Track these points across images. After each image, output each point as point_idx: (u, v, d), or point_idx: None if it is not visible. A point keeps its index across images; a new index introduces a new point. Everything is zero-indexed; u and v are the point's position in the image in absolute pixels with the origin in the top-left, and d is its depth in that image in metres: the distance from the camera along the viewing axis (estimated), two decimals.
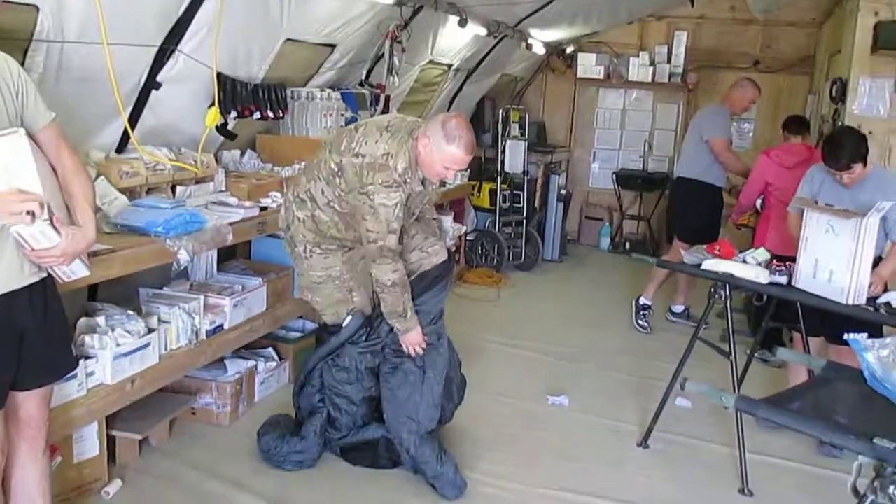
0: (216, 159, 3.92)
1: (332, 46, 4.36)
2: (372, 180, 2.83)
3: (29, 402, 2.17)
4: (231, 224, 3.33)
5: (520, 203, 6.92)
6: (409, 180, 2.88)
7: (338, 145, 2.99)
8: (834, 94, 5.61)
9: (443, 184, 5.44)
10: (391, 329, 3.15)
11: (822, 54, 6.80)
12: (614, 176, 7.94)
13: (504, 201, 6.83)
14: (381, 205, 2.82)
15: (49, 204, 1.97)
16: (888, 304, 3.07)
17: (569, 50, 7.99)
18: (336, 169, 2.95)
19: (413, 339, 3.10)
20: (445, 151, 2.83)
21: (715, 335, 4.48)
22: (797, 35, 7.43)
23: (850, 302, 3.07)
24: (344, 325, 3.14)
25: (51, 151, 2.12)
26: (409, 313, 3.06)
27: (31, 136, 2.06)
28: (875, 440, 1.65)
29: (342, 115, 4.51)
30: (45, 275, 2.13)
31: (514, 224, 6.93)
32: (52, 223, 1.97)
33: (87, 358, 2.76)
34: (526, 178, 6.89)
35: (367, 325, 3.16)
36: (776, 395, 2.12)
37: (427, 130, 2.86)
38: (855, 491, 1.71)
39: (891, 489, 1.62)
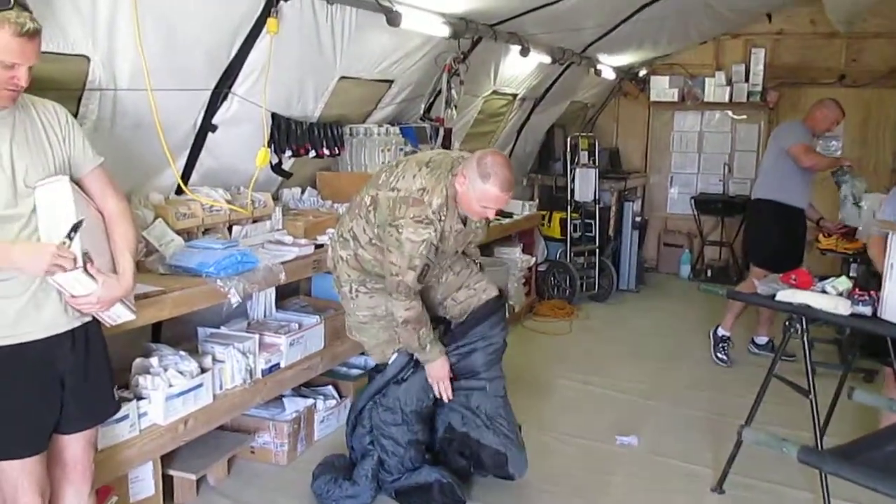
0: (275, 198, 3.96)
1: (390, 82, 4.37)
2: (404, 214, 2.78)
3: (74, 445, 2.19)
4: (284, 263, 3.34)
5: (592, 232, 6.74)
6: (443, 217, 2.81)
7: (376, 180, 2.97)
8: None
9: (503, 214, 5.41)
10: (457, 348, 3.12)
11: None
12: (693, 201, 7.66)
13: (575, 230, 6.66)
14: (408, 239, 2.77)
15: (87, 252, 2.00)
16: None
17: (641, 73, 7.81)
18: (370, 203, 2.92)
19: (437, 374, 3.04)
20: (480, 189, 2.76)
21: (801, 369, 4.17)
22: (885, 46, 7.01)
23: None
24: (389, 363, 3.08)
25: (97, 195, 2.16)
26: (429, 346, 2.99)
27: (78, 179, 2.11)
28: None
29: (401, 149, 4.50)
30: (88, 319, 2.16)
31: (586, 254, 6.75)
32: (86, 271, 1.99)
33: (140, 399, 2.79)
34: (598, 206, 6.72)
35: (414, 364, 3.08)
36: (848, 444, 1.92)
37: (465, 168, 2.80)
38: None
39: None
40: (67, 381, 2.11)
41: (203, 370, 3.03)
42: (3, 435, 2.00)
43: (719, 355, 5.16)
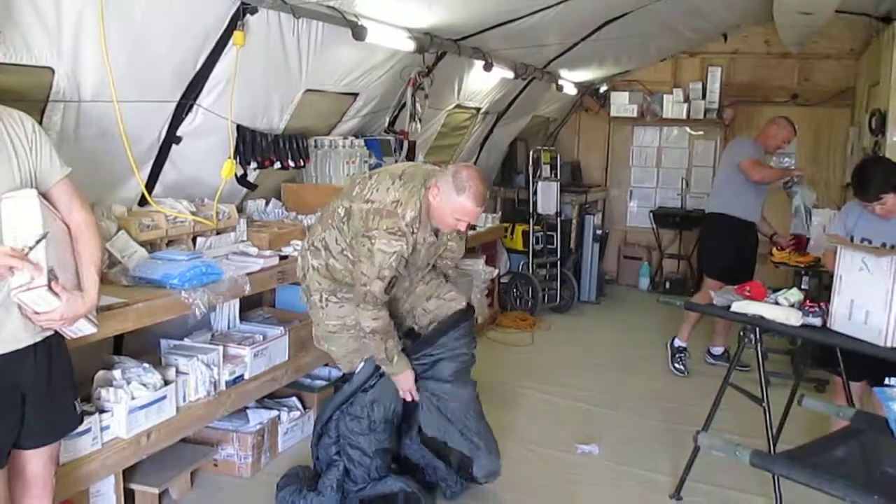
0: (240, 209, 3.96)
1: (355, 95, 4.40)
2: (377, 225, 2.82)
3: (34, 461, 2.16)
4: (249, 274, 3.34)
5: (553, 244, 6.85)
6: (416, 230, 2.85)
7: (349, 191, 3.00)
8: (874, 126, 5.44)
9: (472, 227, 5.46)
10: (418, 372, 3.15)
11: (862, 86, 6.63)
12: (651, 214, 7.82)
13: (537, 243, 6.75)
14: (380, 250, 2.80)
15: (51, 269, 1.98)
16: None
17: (602, 89, 7.97)
18: (343, 214, 2.96)
19: (403, 386, 3.10)
20: (455, 202, 2.80)
21: (755, 378, 4.29)
22: (835, 67, 7.28)
23: (889, 344, 2.89)
24: (356, 371, 3.11)
25: (63, 207, 2.14)
26: (396, 359, 3.03)
27: (44, 191, 2.09)
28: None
29: (366, 161, 4.53)
30: (50, 333, 2.14)
31: (548, 266, 6.85)
32: (50, 288, 1.97)
33: (102, 412, 2.77)
34: (559, 218, 6.83)
35: (381, 373, 3.11)
36: (799, 448, 2.00)
37: (439, 181, 2.85)
38: None
39: None
40: (29, 397, 2.08)
41: (166, 382, 3.02)
42: None
43: (676, 365, 5.28)
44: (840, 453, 1.89)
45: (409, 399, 3.15)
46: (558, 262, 6.86)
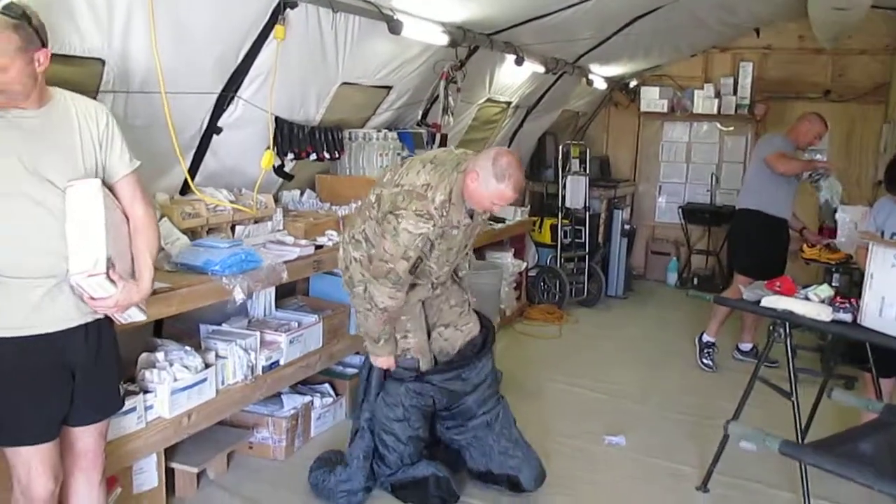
0: (276, 199, 4.05)
1: (389, 88, 4.47)
2: (406, 206, 2.86)
3: (85, 436, 2.26)
4: (286, 262, 3.42)
5: (582, 238, 6.87)
6: (445, 213, 2.90)
7: (381, 179, 3.07)
8: None
9: (495, 220, 5.52)
10: (444, 380, 3.24)
11: None
12: (681, 210, 7.81)
13: (565, 237, 6.78)
14: (406, 230, 2.84)
15: (109, 257, 2.07)
16: None
17: (632, 84, 7.96)
18: (374, 201, 3.02)
19: (380, 364, 3.21)
20: (494, 188, 2.85)
21: (784, 375, 4.30)
22: (870, 63, 7.20)
23: None
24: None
25: (126, 200, 2.23)
26: (383, 342, 3.12)
27: (111, 183, 2.18)
28: None
29: (399, 154, 4.60)
30: (100, 315, 2.23)
31: (576, 260, 6.87)
32: (108, 276, 2.07)
33: (146, 392, 2.87)
34: (588, 213, 6.84)
35: (417, 369, 3.20)
36: (827, 438, 2.04)
37: (477, 165, 2.89)
38: None
39: None
40: (78, 375, 2.18)
41: (207, 366, 3.12)
42: (16, 423, 2.07)
43: (705, 361, 5.29)
44: (868, 444, 1.92)
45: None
46: (586, 257, 6.88)
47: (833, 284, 3.50)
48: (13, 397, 2.05)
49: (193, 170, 3.53)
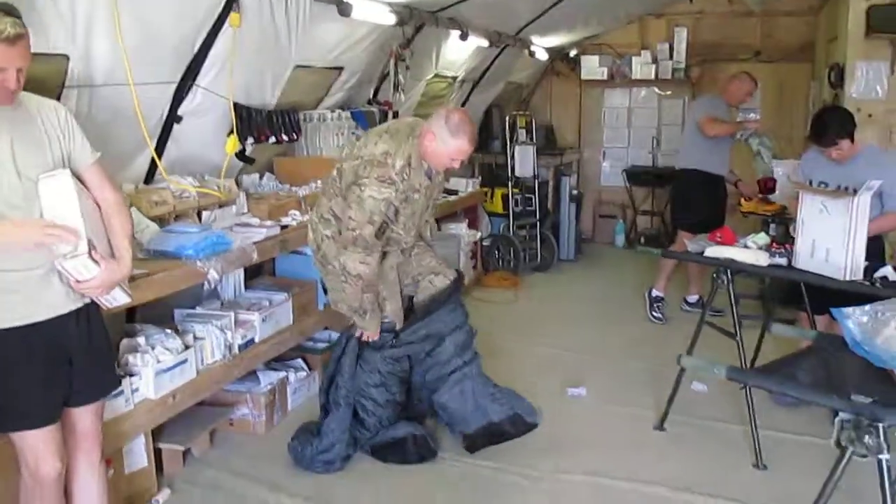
0: (237, 183, 4.14)
1: (340, 69, 4.58)
2: (367, 174, 3.02)
3: (84, 418, 2.37)
4: (255, 243, 3.54)
5: (532, 206, 7.09)
6: (406, 178, 3.07)
7: (341, 153, 3.21)
8: (832, 79, 5.74)
9: (448, 192, 5.68)
10: (418, 341, 3.39)
11: (821, 41, 6.91)
12: (624, 174, 8.09)
13: (517, 205, 7.00)
14: (370, 197, 3.01)
15: (90, 239, 2.18)
16: (884, 278, 3.20)
17: (572, 54, 8.16)
18: (336, 174, 3.17)
19: (365, 337, 3.34)
20: (451, 145, 3.04)
21: (729, 322, 4.60)
22: (796, 24, 7.53)
23: (847, 278, 3.20)
24: None
25: (94, 187, 2.33)
26: (369, 315, 3.24)
27: (78, 173, 2.27)
28: (853, 396, 1.81)
29: (353, 133, 4.73)
30: (88, 300, 2.34)
31: (528, 227, 7.10)
32: (91, 256, 2.18)
33: (131, 375, 2.98)
34: (537, 181, 7.07)
35: (395, 335, 3.38)
36: (768, 364, 2.29)
37: (431, 126, 3.07)
38: (838, 444, 1.87)
39: (866, 438, 1.78)
40: (74, 359, 2.29)
41: (187, 347, 3.23)
42: (21, 408, 2.18)
43: (655, 314, 5.58)
44: (803, 366, 2.17)
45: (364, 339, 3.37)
46: (537, 223, 7.12)
47: (770, 233, 3.76)
48: (17, 384, 2.15)
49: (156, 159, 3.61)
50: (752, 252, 3.53)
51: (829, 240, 3.26)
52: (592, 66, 8.06)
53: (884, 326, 2.08)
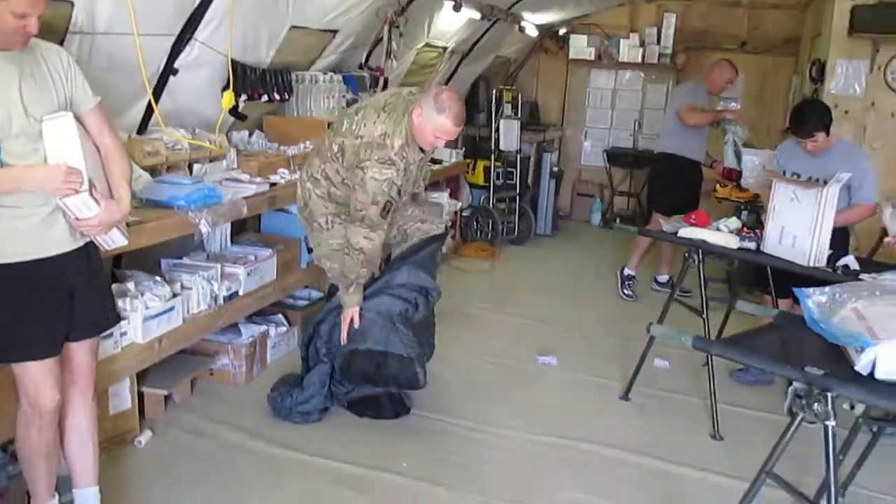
0: (227, 139, 4.20)
1: (334, 32, 4.63)
2: (368, 157, 3.11)
3: (80, 353, 2.46)
4: (245, 198, 3.62)
5: (513, 180, 7.21)
6: (405, 155, 3.16)
7: (339, 127, 3.29)
8: (813, 74, 5.90)
9: (433, 161, 5.79)
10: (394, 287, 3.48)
11: (806, 36, 7.06)
12: (605, 154, 8.23)
13: (498, 178, 7.11)
14: (372, 178, 3.10)
15: (90, 178, 2.26)
16: (846, 266, 3.37)
17: (561, 32, 8.24)
18: (337, 150, 3.25)
19: (345, 315, 3.38)
20: (436, 122, 3.10)
21: (697, 302, 4.78)
22: (783, 17, 7.67)
23: (811, 264, 3.38)
24: None
25: (94, 132, 2.39)
26: (354, 288, 3.31)
27: (78, 117, 2.34)
28: (806, 368, 1.97)
29: (343, 96, 4.79)
30: (89, 240, 2.42)
31: (507, 200, 7.23)
32: (91, 195, 2.26)
33: (120, 320, 3.06)
34: (519, 156, 7.18)
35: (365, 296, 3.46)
36: (731, 336, 2.44)
37: (421, 102, 3.14)
38: (790, 411, 2.03)
39: (815, 406, 1.94)
40: (76, 294, 2.37)
41: (174, 295, 3.32)
42: (25, 339, 2.26)
43: (626, 292, 5.76)
44: (764, 340, 2.32)
45: (345, 327, 3.40)
46: (517, 197, 7.25)
47: (741, 219, 3.92)
48: (23, 317, 2.23)
49: (150, 110, 3.65)
50: (723, 235, 3.69)
51: (797, 227, 3.43)
52: (580, 46, 8.16)
53: (840, 307, 2.23)
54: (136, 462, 3.13)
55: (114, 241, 2.51)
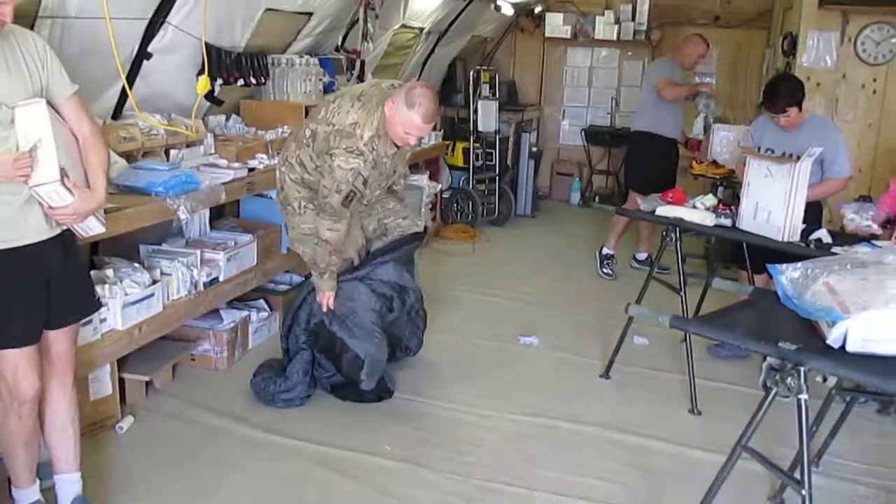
0: (204, 124, 4.17)
1: (309, 14, 4.59)
2: (337, 145, 3.14)
3: (59, 340, 2.45)
4: (223, 184, 3.60)
5: (492, 161, 7.22)
6: (375, 147, 3.17)
7: (316, 114, 3.29)
8: (785, 48, 5.94)
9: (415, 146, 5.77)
10: (374, 280, 3.53)
11: (778, 9, 7.09)
12: (583, 132, 8.24)
13: (477, 159, 7.12)
14: (339, 167, 3.12)
15: (63, 167, 2.24)
16: (818, 240, 3.43)
17: (537, 10, 8.21)
18: (310, 136, 3.26)
19: (322, 298, 3.45)
20: (405, 116, 3.10)
21: (675, 279, 4.83)
22: None
23: (785, 239, 3.42)
24: None
25: (72, 120, 2.37)
26: (327, 275, 3.39)
27: (55, 105, 2.31)
28: (779, 343, 2.01)
29: (320, 79, 4.77)
30: (65, 228, 2.41)
31: (487, 181, 7.24)
32: (63, 184, 2.23)
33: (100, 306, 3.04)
34: (498, 136, 7.18)
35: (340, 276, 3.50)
36: (708, 314, 2.48)
37: (394, 95, 3.15)
38: (764, 386, 2.08)
39: (788, 380, 1.99)
40: (53, 282, 2.36)
41: (154, 282, 3.31)
42: (2, 326, 2.25)
43: (605, 271, 5.81)
44: (740, 317, 2.36)
45: (324, 309, 3.48)
46: (496, 178, 7.25)
47: (718, 196, 3.97)
48: (0, 305, 2.22)
49: (124, 95, 3.62)
50: (699, 212, 3.72)
51: (772, 203, 3.47)
52: (556, 24, 8.13)
53: (813, 282, 2.27)
54: (117, 447, 3.13)
55: (91, 228, 2.49)
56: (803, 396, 2.02)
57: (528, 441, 3.35)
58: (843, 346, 2.02)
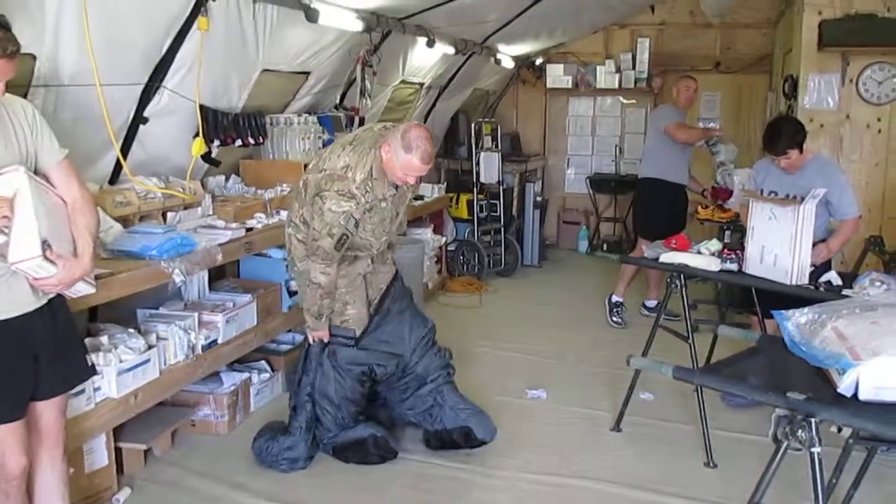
0: (203, 185, 4.17)
1: (307, 74, 4.63)
2: (328, 188, 3.12)
3: (47, 412, 2.39)
4: (220, 245, 3.57)
5: (497, 212, 7.19)
6: (368, 189, 3.15)
7: (309, 165, 3.27)
8: (787, 90, 5.93)
9: (415, 197, 5.77)
10: (377, 349, 3.49)
11: (778, 53, 7.12)
12: (588, 181, 8.23)
13: (481, 211, 7.09)
14: (330, 209, 3.10)
15: (45, 240, 2.19)
16: (828, 283, 3.34)
17: (538, 62, 8.30)
18: (301, 185, 3.25)
19: (313, 336, 3.44)
20: (403, 159, 3.10)
21: (684, 327, 4.72)
22: (754, 36, 7.75)
23: (793, 282, 3.34)
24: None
25: (62, 185, 2.35)
26: (323, 320, 3.36)
27: (45, 171, 2.30)
28: (788, 394, 1.92)
29: (319, 137, 4.78)
30: (53, 296, 2.36)
31: (492, 232, 7.20)
32: (45, 257, 2.19)
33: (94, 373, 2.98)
34: (501, 187, 7.17)
35: (355, 341, 3.46)
36: (713, 364, 2.39)
37: (390, 138, 3.14)
38: (775, 438, 1.98)
39: (799, 433, 1.89)
40: (41, 354, 2.31)
41: (150, 347, 3.25)
42: None
43: (614, 319, 5.71)
44: (746, 366, 2.26)
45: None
46: (502, 229, 7.22)
47: (724, 240, 3.89)
48: None
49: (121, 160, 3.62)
50: (704, 258, 3.65)
51: (777, 246, 3.39)
52: (557, 75, 8.21)
53: (821, 328, 2.19)
54: None
55: (79, 290, 2.45)
56: (816, 450, 1.91)
57: (540, 502, 3.23)
58: (855, 395, 1.93)
